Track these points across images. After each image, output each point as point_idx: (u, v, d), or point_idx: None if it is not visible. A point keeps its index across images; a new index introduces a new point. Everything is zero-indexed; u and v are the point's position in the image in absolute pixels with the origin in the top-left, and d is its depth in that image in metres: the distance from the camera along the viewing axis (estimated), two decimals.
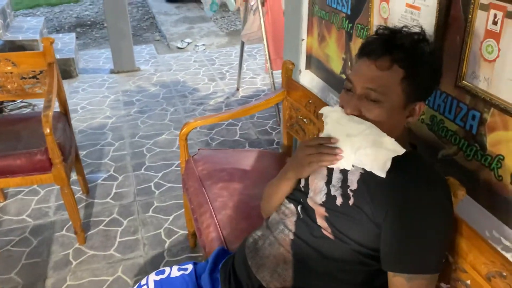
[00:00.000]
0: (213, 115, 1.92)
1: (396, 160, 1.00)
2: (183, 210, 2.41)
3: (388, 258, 1.01)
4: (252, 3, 3.40)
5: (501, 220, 1.19)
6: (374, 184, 1.03)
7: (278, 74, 3.73)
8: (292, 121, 1.89)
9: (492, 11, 1.07)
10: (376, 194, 1.02)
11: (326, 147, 1.05)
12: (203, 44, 5.27)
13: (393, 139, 1.01)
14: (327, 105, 1.65)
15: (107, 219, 2.37)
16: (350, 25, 1.74)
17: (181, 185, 2.69)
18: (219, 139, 3.19)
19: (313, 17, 2.03)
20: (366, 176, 1.05)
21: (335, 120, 1.06)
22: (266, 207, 1.30)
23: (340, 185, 1.09)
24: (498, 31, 1.07)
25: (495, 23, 1.07)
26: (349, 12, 1.74)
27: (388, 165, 1.00)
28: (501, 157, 1.15)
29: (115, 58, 4.36)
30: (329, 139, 1.05)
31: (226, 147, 3.06)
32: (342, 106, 1.07)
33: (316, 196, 1.12)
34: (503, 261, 0.96)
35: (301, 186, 1.18)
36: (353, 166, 1.04)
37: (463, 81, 1.21)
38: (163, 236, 2.25)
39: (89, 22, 6.36)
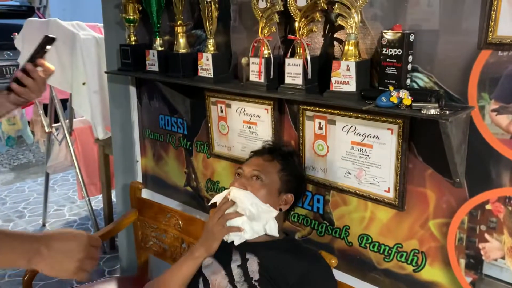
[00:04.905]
0: None
1: (280, 245, 1.24)
2: None
3: None
4: (56, 134, 3.31)
5: (358, 277, 1.48)
6: (272, 269, 1.20)
7: (93, 199, 3.62)
8: (147, 239, 1.90)
9: (317, 120, 1.45)
10: (276, 278, 1.19)
11: (234, 213, 1.24)
12: None
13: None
14: (184, 214, 1.78)
15: None
16: (189, 143, 1.95)
17: None
18: (38, 283, 2.79)
19: (145, 139, 2.17)
20: (263, 265, 1.21)
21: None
22: None
23: (244, 279, 1.20)
24: (324, 134, 1.45)
25: (320, 128, 1.45)
26: (186, 132, 1.96)
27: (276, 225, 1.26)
28: (348, 227, 1.47)
29: None
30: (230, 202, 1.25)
31: None
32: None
33: None
34: None
35: None
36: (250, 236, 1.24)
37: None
38: None
39: None
